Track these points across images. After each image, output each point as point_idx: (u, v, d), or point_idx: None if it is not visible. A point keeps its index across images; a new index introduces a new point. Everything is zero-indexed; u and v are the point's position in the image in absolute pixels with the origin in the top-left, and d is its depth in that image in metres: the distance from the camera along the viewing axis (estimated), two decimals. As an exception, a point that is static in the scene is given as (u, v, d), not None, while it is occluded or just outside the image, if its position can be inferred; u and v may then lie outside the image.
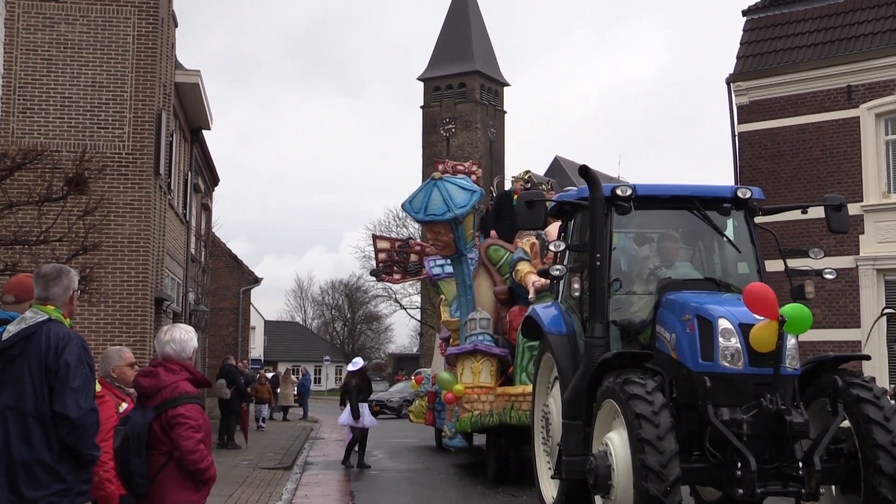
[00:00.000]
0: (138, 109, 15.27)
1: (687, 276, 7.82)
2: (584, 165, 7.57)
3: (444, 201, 12.13)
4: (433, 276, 14.65)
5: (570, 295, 7.98)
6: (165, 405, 4.62)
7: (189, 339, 4.84)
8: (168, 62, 17.42)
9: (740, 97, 20.32)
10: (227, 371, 19.68)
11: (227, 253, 37.55)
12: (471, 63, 73.16)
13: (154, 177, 15.47)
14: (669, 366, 7.01)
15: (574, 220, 8.53)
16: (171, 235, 18.65)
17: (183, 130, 21.14)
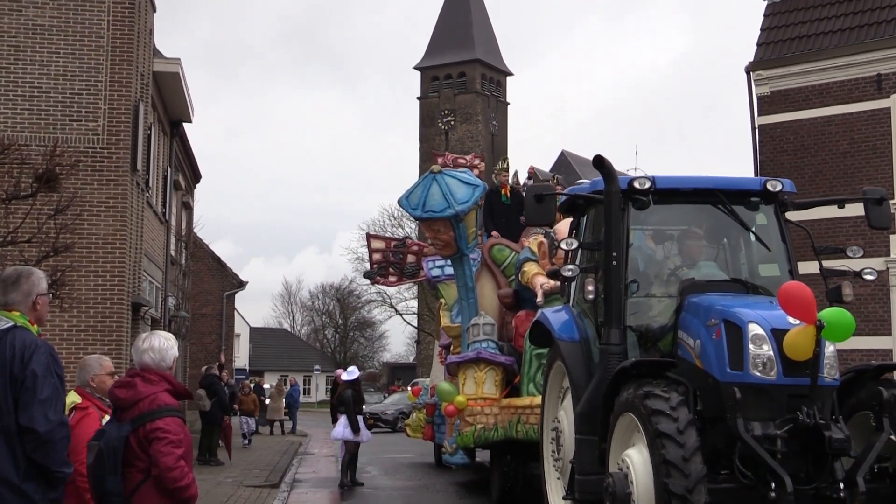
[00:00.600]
0: (114, 100, 15.23)
1: (712, 277, 7.72)
2: (598, 155, 7.50)
3: (444, 197, 12.05)
4: (432, 278, 14.56)
5: (583, 298, 7.93)
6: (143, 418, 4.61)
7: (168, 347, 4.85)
8: (146, 49, 17.37)
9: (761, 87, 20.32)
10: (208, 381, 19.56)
11: (209, 255, 37.57)
12: (471, 51, 73.32)
13: (131, 173, 15.42)
14: (693, 375, 6.91)
15: (587, 215, 8.47)
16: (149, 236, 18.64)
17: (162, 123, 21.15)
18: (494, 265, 14.01)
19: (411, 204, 12.25)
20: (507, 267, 13.92)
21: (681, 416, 6.30)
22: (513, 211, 14.41)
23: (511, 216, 14.44)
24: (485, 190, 12.49)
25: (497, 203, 14.62)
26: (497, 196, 14.64)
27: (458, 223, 12.35)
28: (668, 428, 6.23)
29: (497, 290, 13.76)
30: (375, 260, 16.65)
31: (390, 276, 16.71)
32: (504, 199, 14.59)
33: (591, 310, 7.94)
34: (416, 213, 12.27)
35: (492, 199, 14.57)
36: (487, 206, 14.43)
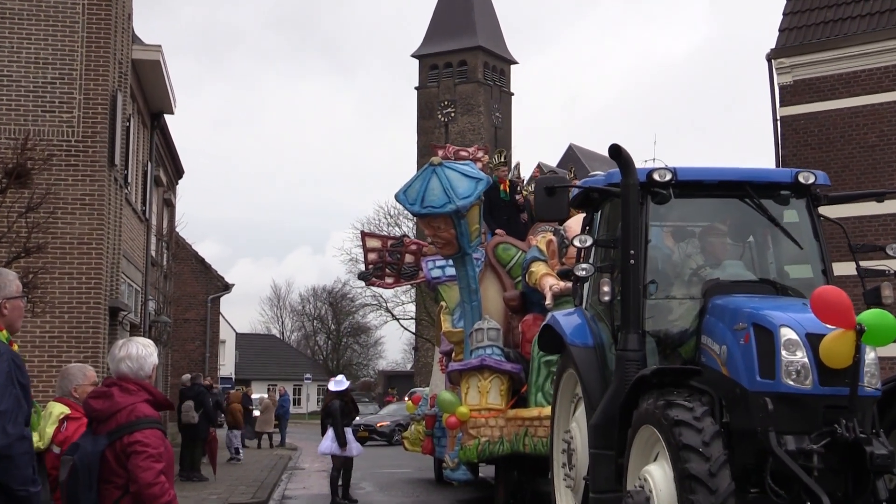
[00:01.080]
0: (89, 90, 15.21)
1: (738, 277, 7.63)
2: (615, 144, 7.38)
3: (445, 191, 12.00)
4: (432, 279, 14.52)
5: (597, 300, 7.82)
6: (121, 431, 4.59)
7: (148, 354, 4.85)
8: (124, 35, 17.35)
9: (783, 76, 20.27)
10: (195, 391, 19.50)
11: (193, 256, 37.61)
12: (472, 38, 73.38)
13: (108, 168, 15.41)
14: (719, 384, 6.80)
15: (601, 210, 8.40)
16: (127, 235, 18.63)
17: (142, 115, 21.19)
18: (499, 265, 14.00)
19: (409, 199, 12.17)
20: (513, 267, 13.92)
21: (706, 427, 6.20)
22: (513, 207, 14.43)
23: (512, 213, 14.45)
24: (489, 184, 12.47)
25: (496, 200, 14.61)
26: (495, 192, 14.61)
27: (459, 220, 12.29)
28: (692, 440, 6.13)
29: (502, 291, 13.75)
30: (371, 260, 16.60)
31: (387, 278, 16.67)
32: (503, 195, 14.59)
33: (606, 313, 7.86)
34: (415, 208, 12.19)
35: (490, 195, 14.52)
36: (486, 204, 14.33)
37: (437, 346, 16.30)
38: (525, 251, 13.66)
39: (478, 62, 73.37)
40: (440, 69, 74.36)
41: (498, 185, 14.64)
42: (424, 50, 75.17)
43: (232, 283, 39.60)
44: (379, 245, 16.63)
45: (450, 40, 73.80)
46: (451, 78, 73.94)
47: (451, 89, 73.71)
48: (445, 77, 74.13)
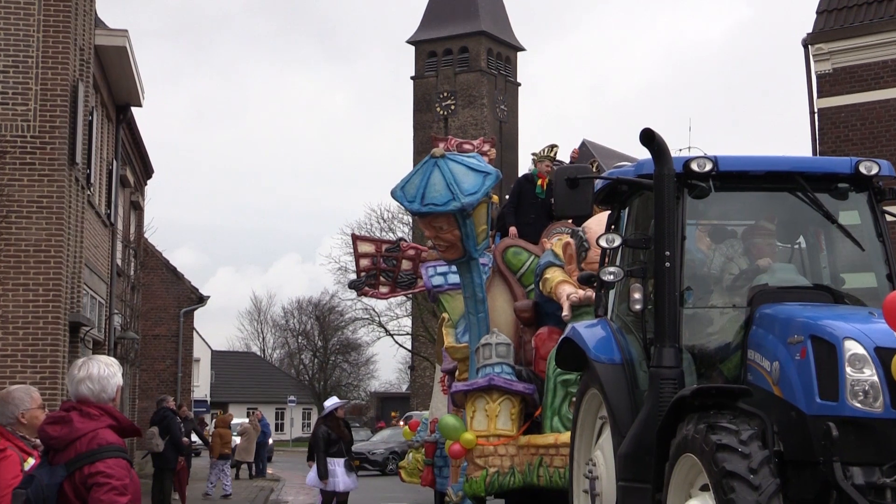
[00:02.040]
0: (47, 80, 15.19)
1: (790, 283, 7.51)
2: (647, 129, 7.25)
3: (448, 186, 11.87)
4: (433, 287, 14.33)
5: (626, 308, 7.74)
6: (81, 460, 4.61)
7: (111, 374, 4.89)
8: (86, 19, 17.37)
9: (821, 63, 20.26)
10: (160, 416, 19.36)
11: (164, 265, 37.78)
12: (475, 22, 73.65)
13: (68, 166, 15.39)
14: (771, 407, 6.68)
15: (630, 206, 8.25)
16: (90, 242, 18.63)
17: (106, 107, 21.26)
18: (509, 272, 13.89)
19: (407, 195, 12.05)
20: (524, 274, 13.82)
21: (753, 453, 6.06)
22: (544, 207, 14.32)
23: (541, 213, 14.36)
24: (498, 179, 12.28)
25: (529, 194, 14.53)
26: (531, 186, 14.56)
27: (464, 219, 12.14)
28: (737, 467, 5.98)
29: (513, 301, 13.64)
30: (363, 267, 16.44)
31: (381, 287, 16.50)
32: (538, 190, 14.50)
33: (636, 324, 7.73)
34: (414, 206, 12.06)
35: (523, 188, 14.47)
36: (515, 196, 14.28)
37: (438, 364, 16.20)
38: (538, 255, 13.57)
39: (481, 49, 73.62)
40: (439, 57, 74.67)
41: (535, 179, 14.57)
42: (421, 35, 75.43)
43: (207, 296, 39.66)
44: (372, 250, 16.49)
45: (449, 25, 74.15)
46: (450, 66, 74.21)
47: (451, 79, 73.91)
48: (444, 65, 74.40)
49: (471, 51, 73.75)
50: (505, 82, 75.24)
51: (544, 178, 14.56)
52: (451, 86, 73.74)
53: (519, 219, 14.52)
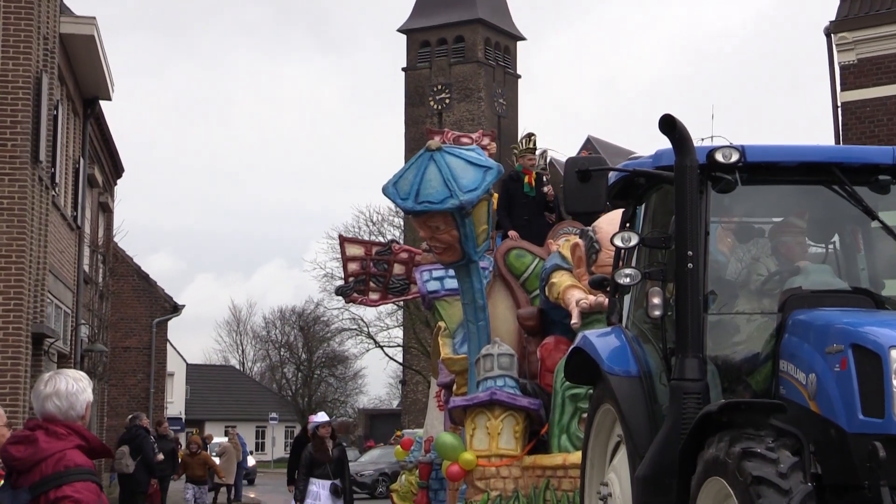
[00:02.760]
0: (8, 71, 15.26)
1: (826, 286, 7.42)
2: (667, 116, 7.15)
3: (445, 182, 11.74)
4: (428, 293, 14.26)
5: (643, 315, 7.65)
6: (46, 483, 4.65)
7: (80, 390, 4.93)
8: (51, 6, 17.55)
9: (844, 53, 20.33)
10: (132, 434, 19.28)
11: (135, 271, 38.03)
12: (471, 9, 73.94)
13: (31, 165, 15.46)
14: (807, 425, 6.55)
15: (647, 202, 8.16)
16: (55, 247, 18.70)
17: (72, 101, 21.38)
18: (512, 276, 13.83)
19: (400, 192, 11.92)
20: (528, 278, 13.75)
21: (795, 488, 5.95)
22: (537, 205, 14.33)
23: (535, 212, 14.35)
24: (500, 173, 12.22)
25: (517, 194, 14.48)
26: (517, 185, 14.51)
27: (463, 218, 12.02)
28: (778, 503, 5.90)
29: (515, 308, 13.60)
30: (351, 271, 16.23)
31: (371, 293, 16.29)
32: (527, 188, 14.47)
33: (654, 332, 7.64)
34: (407, 204, 11.94)
35: (510, 188, 14.43)
36: (504, 198, 14.27)
37: (433, 377, 16.06)
38: (543, 258, 13.50)
39: (477, 38, 73.99)
40: (432, 46, 75.07)
41: (521, 177, 14.50)
42: (413, 24, 75.78)
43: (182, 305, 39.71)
44: (361, 253, 16.29)
45: (444, 12, 74.56)
46: (445, 57, 74.58)
47: (446, 70, 74.22)
48: (439, 56, 74.75)
49: (467, 40, 74.12)
50: (504, 74, 75.63)
51: (530, 173, 14.56)
52: (445, 78, 74.07)
53: (512, 221, 14.49)
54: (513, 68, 76.90)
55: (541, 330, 13.08)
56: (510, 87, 76.29)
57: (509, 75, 76.30)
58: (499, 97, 74.57)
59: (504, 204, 14.29)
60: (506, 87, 75.64)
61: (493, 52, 74.96)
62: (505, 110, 75.09)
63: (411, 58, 75.57)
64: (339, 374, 79.80)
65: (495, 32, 75.31)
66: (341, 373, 79.62)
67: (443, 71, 74.20)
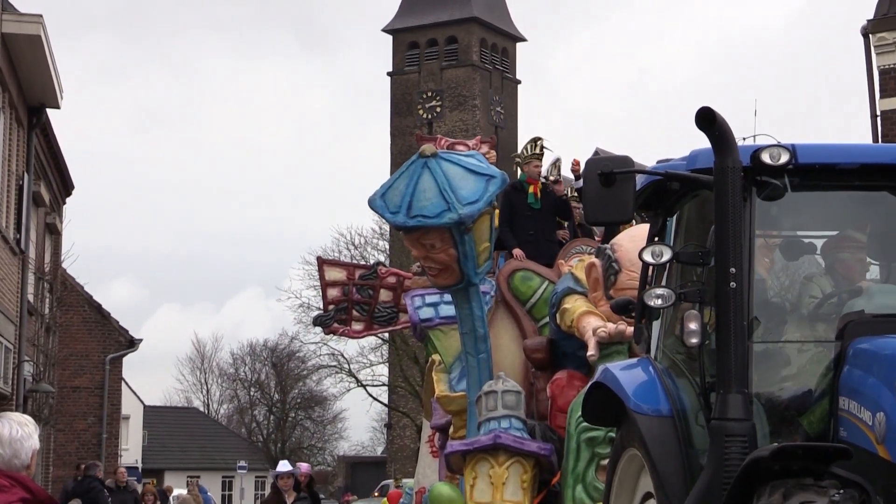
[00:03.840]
0: None
1: (892, 310, 7.32)
2: (705, 109, 7.03)
3: (441, 193, 11.62)
4: (421, 322, 14.14)
5: (676, 343, 7.59)
6: None
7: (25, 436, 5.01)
8: None
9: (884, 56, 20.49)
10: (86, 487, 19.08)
11: (87, 301, 37.74)
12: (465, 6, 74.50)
13: None
14: (874, 472, 6.46)
15: (679, 212, 8.05)
16: None
17: (15, 109, 21.31)
18: (517, 302, 13.76)
19: (390, 205, 11.82)
20: (536, 304, 13.67)
21: None
22: (545, 219, 14.32)
23: (543, 227, 14.33)
24: (504, 183, 12.13)
25: (521, 207, 14.41)
26: (521, 196, 14.44)
27: (462, 235, 11.91)
28: None
29: (521, 339, 13.51)
30: (332, 298, 16.17)
31: (354, 323, 16.24)
32: (531, 200, 14.41)
33: (689, 363, 7.53)
34: (398, 219, 11.81)
35: (513, 200, 14.33)
36: (506, 212, 14.19)
37: (426, 419, 15.95)
38: (554, 281, 13.42)
39: (472, 39, 74.71)
40: (421, 48, 75.60)
41: (525, 187, 14.45)
42: (400, 22, 76.32)
43: (139, 339, 39.55)
44: (343, 276, 16.19)
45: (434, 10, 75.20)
46: (435, 60, 75.18)
47: (436, 75, 74.77)
48: (428, 59, 75.13)
49: (460, 41, 74.77)
50: (502, 79, 76.32)
51: (536, 183, 14.50)
52: (436, 83, 74.61)
53: (516, 238, 14.43)
54: (512, 73, 77.57)
55: (551, 363, 12.99)
56: (509, 94, 76.87)
57: (508, 80, 76.93)
58: (496, 105, 75.15)
59: (506, 218, 14.21)
60: (504, 93, 76.26)
61: (489, 54, 75.59)
62: (503, 120, 75.60)
63: (398, 61, 76.18)
64: (316, 417, 79.66)
65: (492, 33, 75.99)
66: (319, 415, 79.47)
67: (433, 76, 74.75)
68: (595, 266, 12.21)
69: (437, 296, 13.79)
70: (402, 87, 75.33)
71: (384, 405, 67.08)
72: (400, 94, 75.30)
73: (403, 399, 63.06)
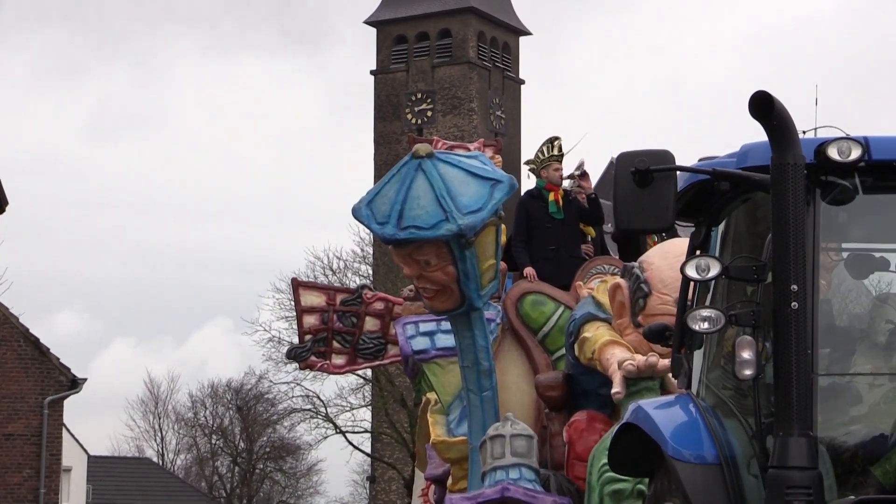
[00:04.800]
0: None
1: None
2: (762, 93, 6.90)
3: (438, 200, 11.51)
4: (413, 354, 14.05)
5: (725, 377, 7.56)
6: None
7: None
8: None
9: None
10: None
11: (22, 335, 37.70)
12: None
13: None
14: None
15: (728, 219, 7.95)
16: None
17: None
18: (527, 330, 13.78)
19: (377, 215, 11.71)
20: (550, 333, 13.71)
21: None
22: (568, 232, 14.35)
23: (566, 241, 14.34)
24: (513, 189, 11.99)
25: (540, 217, 14.43)
26: (539, 206, 14.47)
27: (463, 250, 11.81)
28: None
29: (533, 374, 13.53)
30: (309, 327, 16.14)
31: (334, 357, 16.18)
32: (553, 210, 14.41)
33: (740, 400, 7.46)
34: (387, 230, 11.69)
35: (530, 210, 14.39)
36: (522, 224, 14.28)
37: (418, 468, 15.95)
38: (571, 307, 13.40)
39: (469, 32, 75.42)
40: (410, 43, 76.13)
41: (544, 195, 14.42)
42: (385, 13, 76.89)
43: (83, 379, 39.30)
44: (322, 302, 16.18)
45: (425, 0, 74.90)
46: (426, 57, 75.79)
47: (427, 74, 75.47)
48: (418, 55, 75.46)
49: (455, 35, 75.48)
50: (503, 79, 76.81)
51: (556, 189, 14.47)
52: (426, 83, 75.30)
53: (533, 254, 14.43)
54: (514, 71, 78.05)
55: (568, 403, 12.99)
56: (511, 96, 77.54)
57: (510, 80, 77.62)
58: (496, 108, 75.74)
59: (522, 231, 14.23)
60: (505, 95, 76.93)
61: (488, 50, 76.27)
62: (504, 125, 76.24)
63: (382, 57, 76.68)
64: (288, 469, 79.45)
65: (492, 25, 76.73)
66: (291, 467, 79.34)
67: (423, 74, 75.39)
68: (620, 288, 12.17)
69: (432, 323, 13.80)
70: (387, 88, 75.86)
71: (366, 455, 66.99)
72: (385, 95, 75.82)
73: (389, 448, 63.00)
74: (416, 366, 14.22)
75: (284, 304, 55.64)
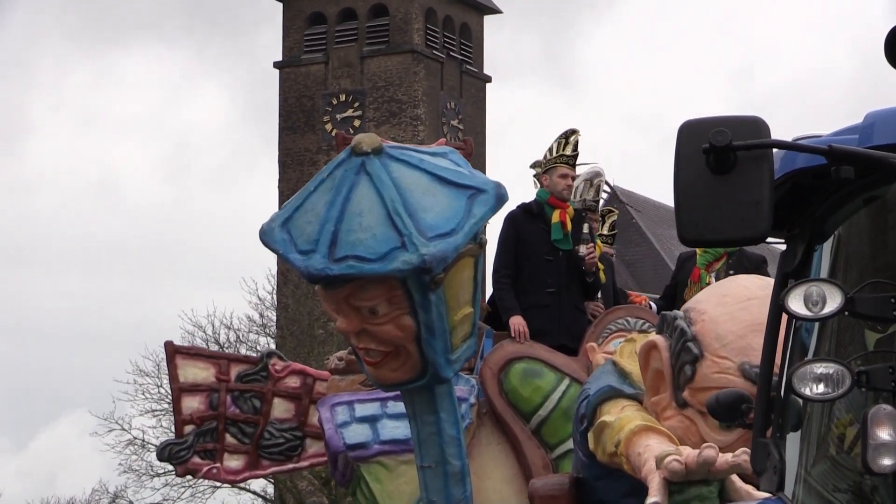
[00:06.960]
0: None
1: None
2: None
3: (391, 217, 11.27)
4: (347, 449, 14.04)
5: (839, 472, 7.40)
6: None
7: None
8: None
9: None
10: None
11: None
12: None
13: None
14: None
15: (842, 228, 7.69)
16: None
17: None
18: (515, 414, 13.86)
19: (299, 240, 11.39)
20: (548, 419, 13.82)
21: None
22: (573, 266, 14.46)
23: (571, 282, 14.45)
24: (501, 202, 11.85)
25: (536, 244, 14.57)
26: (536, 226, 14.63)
27: (426, 293, 11.54)
28: None
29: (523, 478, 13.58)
30: (190, 413, 16.25)
31: (227, 457, 16.30)
32: (557, 235, 14.49)
33: None
34: (313, 263, 11.32)
35: (521, 231, 14.52)
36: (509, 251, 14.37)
37: None
38: (580, 380, 13.41)
39: (412, 11, 75.61)
40: (331, 25, 76.80)
41: (546, 211, 14.58)
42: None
43: None
44: (210, 377, 16.34)
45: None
46: (352, 43, 75.61)
47: (355, 67, 75.52)
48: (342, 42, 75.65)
49: (393, 14, 75.90)
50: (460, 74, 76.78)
51: (564, 206, 14.58)
52: (353, 80, 75.36)
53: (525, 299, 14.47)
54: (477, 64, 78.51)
55: None
56: (472, 97, 78.48)
57: (470, 76, 78.08)
58: (451, 116, 76.27)
59: (508, 262, 14.33)
60: (464, 97, 77.44)
61: (440, 34, 77.28)
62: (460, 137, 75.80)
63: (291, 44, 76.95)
64: None
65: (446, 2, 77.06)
66: None
67: (349, 68, 76.08)
68: (657, 349, 11.94)
69: (375, 404, 13.90)
70: (297, 87, 77.08)
71: None
72: (294, 97, 76.80)
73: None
74: (349, 468, 14.23)
75: (151, 392, 55.43)
